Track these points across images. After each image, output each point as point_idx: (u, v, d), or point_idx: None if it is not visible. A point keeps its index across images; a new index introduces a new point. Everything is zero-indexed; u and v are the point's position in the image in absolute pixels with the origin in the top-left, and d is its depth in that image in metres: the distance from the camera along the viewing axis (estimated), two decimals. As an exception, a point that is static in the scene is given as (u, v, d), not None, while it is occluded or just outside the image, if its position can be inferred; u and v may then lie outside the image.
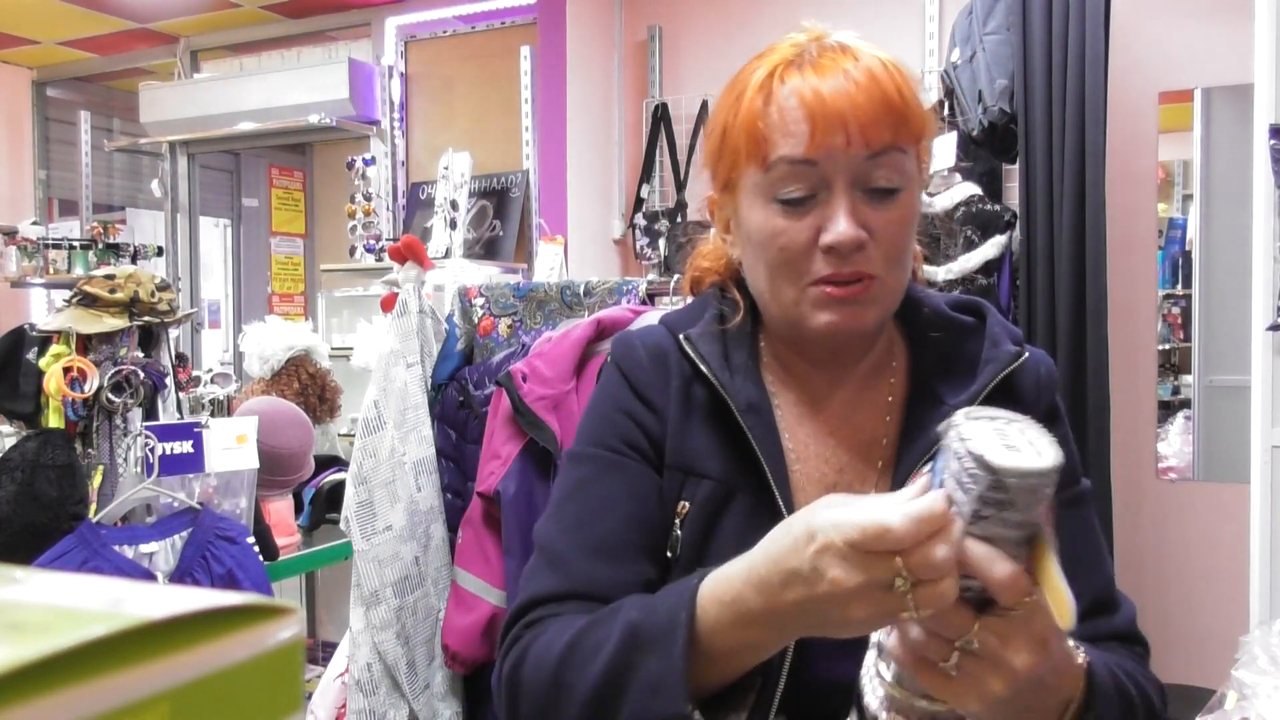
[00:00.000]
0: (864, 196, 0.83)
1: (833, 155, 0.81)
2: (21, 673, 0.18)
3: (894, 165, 0.83)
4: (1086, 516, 0.91)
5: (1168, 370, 3.09)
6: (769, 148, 0.83)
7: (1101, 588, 0.88)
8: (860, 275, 0.83)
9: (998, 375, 0.89)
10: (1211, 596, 2.90)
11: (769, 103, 0.83)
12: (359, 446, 1.87)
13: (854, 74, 0.81)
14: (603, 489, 0.90)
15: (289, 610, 0.24)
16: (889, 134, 0.82)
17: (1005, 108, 2.76)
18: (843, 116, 0.80)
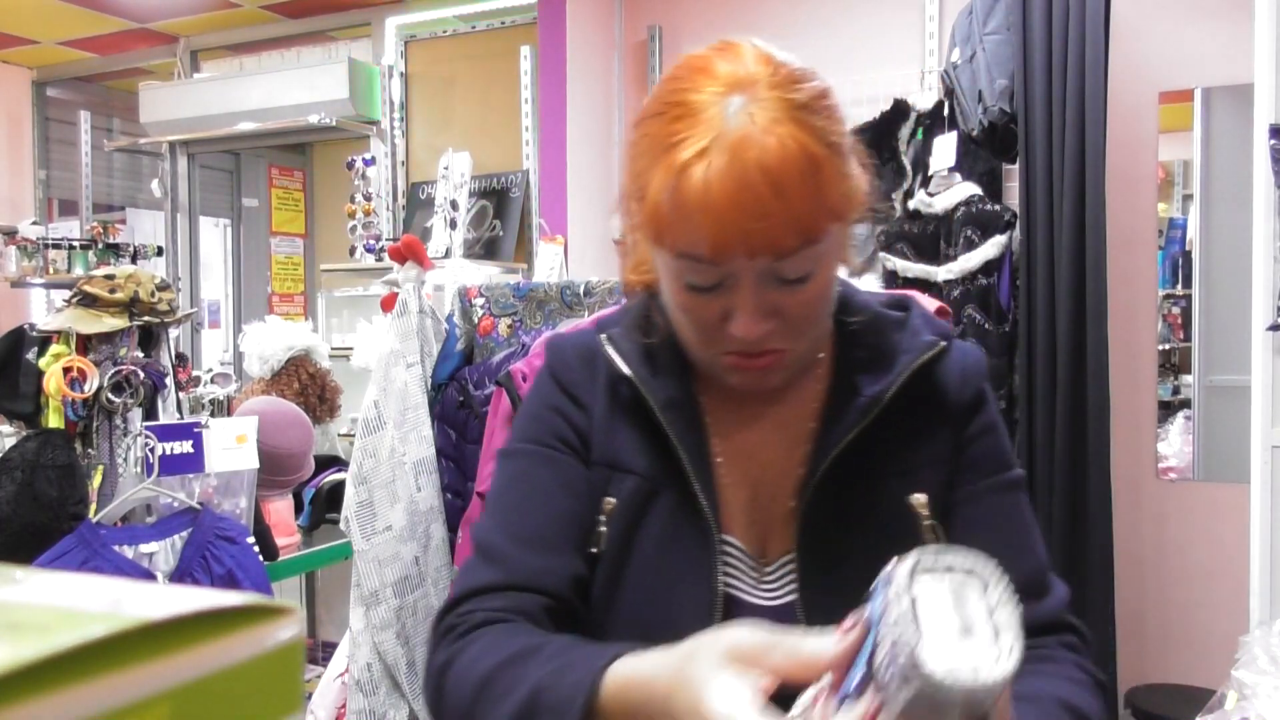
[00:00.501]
0: (774, 284, 0.79)
1: (737, 261, 0.77)
2: (21, 673, 0.18)
3: (806, 258, 0.78)
4: (1014, 502, 0.90)
5: (1168, 370, 3.10)
6: (674, 239, 0.78)
7: (1029, 572, 0.85)
8: (771, 351, 0.83)
9: (913, 364, 0.88)
10: (1211, 596, 2.90)
11: (674, 196, 0.76)
12: (359, 446, 1.87)
13: (760, 179, 0.73)
14: (534, 482, 0.91)
15: (289, 610, 0.24)
16: (796, 240, 0.76)
17: (1005, 108, 2.76)
18: (746, 234, 0.75)
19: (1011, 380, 2.78)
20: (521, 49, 3.60)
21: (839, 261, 0.85)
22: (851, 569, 0.78)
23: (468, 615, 0.84)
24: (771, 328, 0.80)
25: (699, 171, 0.74)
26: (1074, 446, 2.67)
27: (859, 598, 0.65)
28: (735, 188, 0.74)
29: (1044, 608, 0.86)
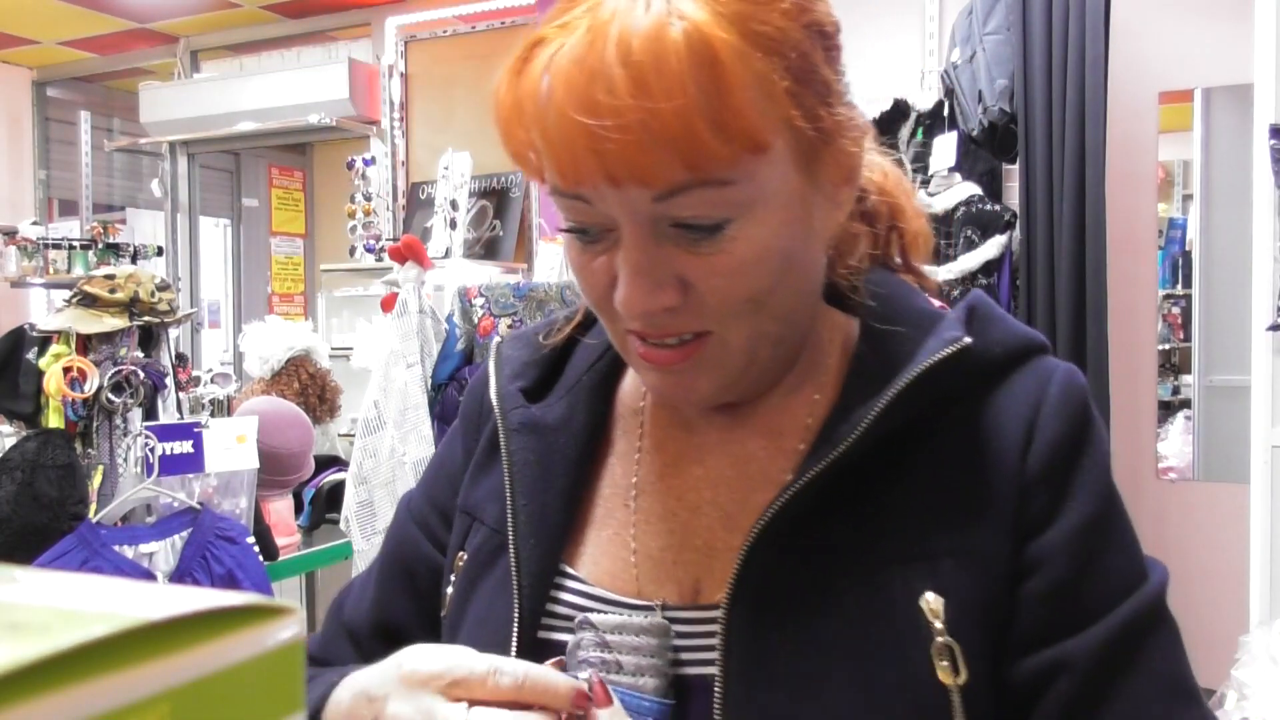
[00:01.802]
0: (674, 235, 0.56)
1: (602, 194, 0.54)
2: (21, 673, 0.18)
3: (709, 200, 0.54)
4: (1140, 661, 0.60)
5: (1168, 370, 3.10)
6: (520, 158, 0.58)
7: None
8: (679, 337, 0.59)
9: (913, 373, 0.59)
10: (1211, 596, 2.90)
11: (518, 99, 0.55)
12: (359, 446, 1.87)
13: (617, 67, 0.50)
14: (382, 564, 0.78)
15: (289, 610, 0.24)
16: (676, 165, 0.52)
17: (1005, 108, 2.76)
18: (597, 148, 0.51)
19: (1011, 380, 2.79)
20: (521, 49, 3.60)
21: (801, 221, 0.58)
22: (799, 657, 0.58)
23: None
24: (670, 301, 0.56)
25: (541, 58, 0.53)
26: (1074, 446, 2.67)
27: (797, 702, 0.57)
28: (583, 78, 0.51)
29: None
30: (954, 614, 0.57)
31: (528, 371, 0.72)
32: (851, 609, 0.58)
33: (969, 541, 0.59)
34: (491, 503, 0.70)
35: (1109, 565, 0.60)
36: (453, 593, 0.70)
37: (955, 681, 0.56)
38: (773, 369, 0.64)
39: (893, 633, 0.57)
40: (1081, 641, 0.58)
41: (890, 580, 0.58)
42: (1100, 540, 0.61)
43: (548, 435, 0.69)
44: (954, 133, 2.87)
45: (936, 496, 0.60)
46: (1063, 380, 0.63)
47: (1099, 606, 0.59)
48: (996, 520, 0.59)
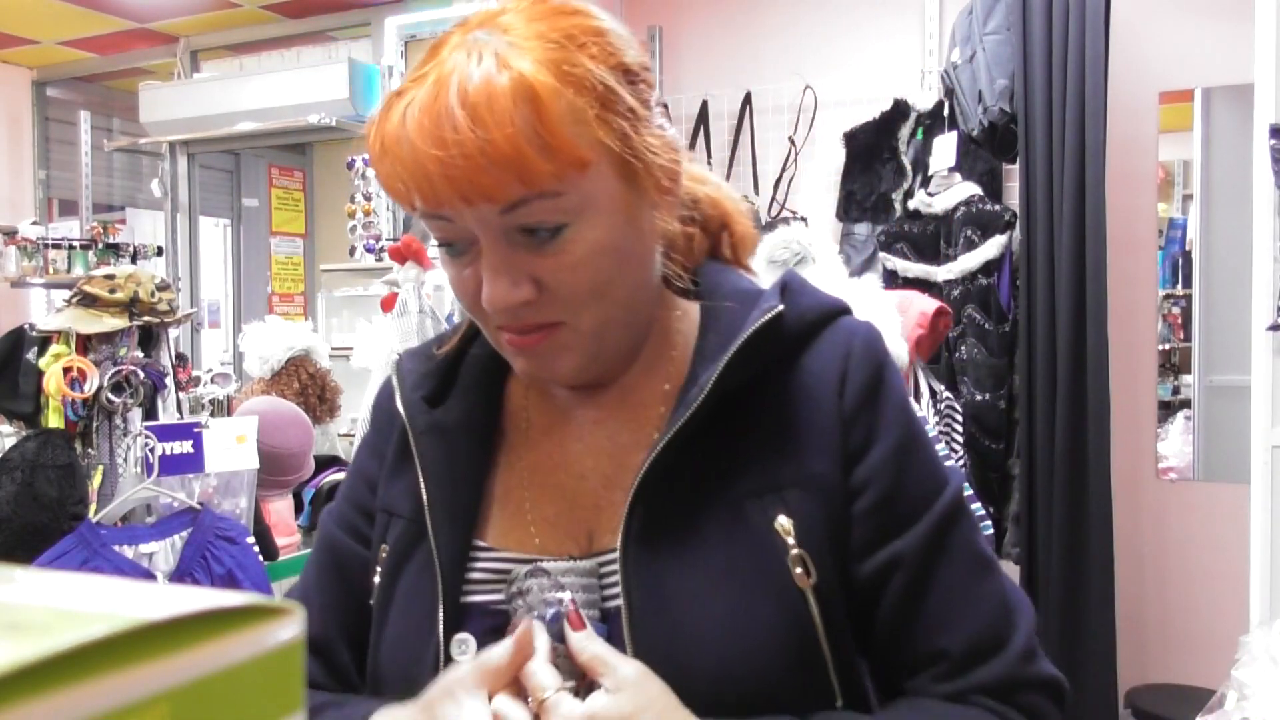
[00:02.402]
0: (523, 240, 0.68)
1: (458, 212, 0.67)
2: (21, 673, 0.18)
3: (545, 209, 0.67)
4: (947, 548, 0.75)
5: (1168, 370, 3.10)
6: (389, 188, 0.69)
7: (975, 635, 0.74)
8: (538, 325, 0.71)
9: (740, 338, 0.72)
10: (1211, 596, 2.90)
11: (383, 142, 0.68)
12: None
13: (457, 109, 0.64)
14: (317, 572, 0.88)
15: (289, 610, 0.24)
16: (512, 183, 0.65)
17: (1005, 108, 2.76)
18: (448, 175, 0.64)
19: (1011, 380, 2.79)
20: (521, 49, 3.60)
21: (629, 223, 0.71)
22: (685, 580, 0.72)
23: None
24: (526, 296, 0.69)
25: (399, 107, 0.66)
26: (1074, 446, 2.67)
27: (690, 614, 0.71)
28: (430, 121, 0.64)
29: (993, 670, 0.73)
30: (802, 531, 0.72)
31: (425, 382, 0.83)
32: (721, 536, 0.72)
33: (807, 471, 0.73)
34: (405, 499, 0.81)
35: (918, 477, 0.75)
36: (380, 580, 0.81)
37: (809, 583, 0.71)
38: (626, 349, 0.78)
39: (756, 551, 0.72)
40: (907, 541, 0.73)
41: (749, 510, 0.73)
42: (908, 459, 0.75)
43: (450, 435, 0.80)
44: (954, 133, 2.87)
45: (777, 438, 0.74)
46: (864, 334, 0.78)
47: (915, 511, 0.74)
48: (826, 451, 0.74)
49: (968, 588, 0.75)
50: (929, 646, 0.73)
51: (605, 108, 0.68)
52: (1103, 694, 2.66)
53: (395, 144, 0.66)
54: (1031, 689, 0.74)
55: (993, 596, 0.75)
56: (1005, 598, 0.76)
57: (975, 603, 0.74)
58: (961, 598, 0.74)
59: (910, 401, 0.79)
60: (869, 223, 3.14)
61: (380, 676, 0.80)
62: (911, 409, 0.78)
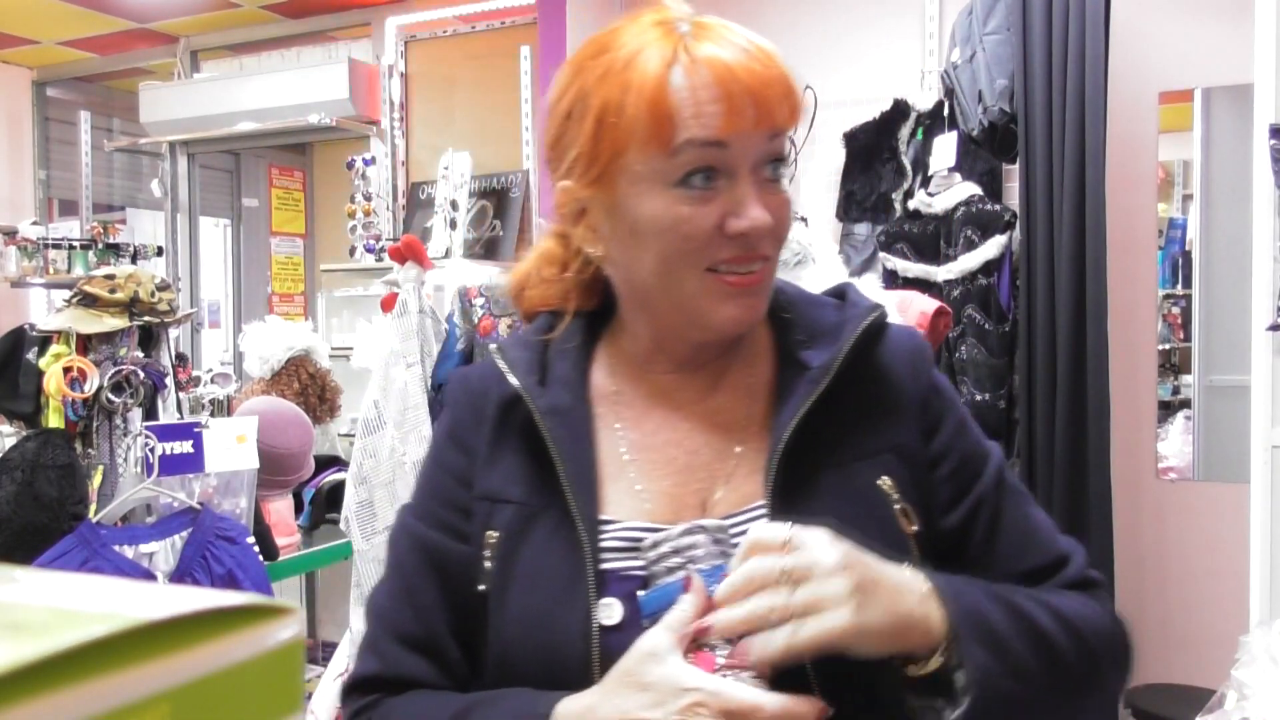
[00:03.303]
0: (760, 180, 0.81)
1: (742, 137, 0.78)
2: (21, 673, 0.18)
3: (781, 146, 0.82)
4: (1006, 493, 0.90)
5: (1168, 370, 3.10)
6: (675, 129, 0.77)
7: (1045, 556, 0.89)
8: (763, 257, 0.82)
9: (858, 330, 0.86)
10: (1211, 596, 2.90)
11: (675, 78, 0.78)
12: (359, 446, 1.87)
13: (752, 49, 0.80)
14: (413, 572, 0.90)
15: (289, 610, 0.24)
16: (787, 114, 0.81)
17: (1005, 108, 2.76)
18: (753, 94, 0.78)
19: (1011, 380, 2.78)
20: (521, 49, 3.60)
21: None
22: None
23: (366, 702, 0.86)
24: (770, 221, 0.80)
25: (699, 50, 0.79)
26: (1074, 446, 2.67)
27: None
28: (731, 49, 0.79)
29: (1068, 573, 0.88)
30: (900, 489, 0.84)
31: (533, 369, 0.89)
32: (838, 494, 0.83)
33: (895, 441, 0.87)
34: (512, 483, 0.87)
35: (976, 440, 0.92)
36: (492, 565, 0.85)
37: (912, 530, 0.83)
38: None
39: (868, 506, 0.83)
40: (982, 487, 0.88)
41: (856, 471, 0.85)
42: (967, 428, 0.91)
43: (565, 415, 0.87)
44: (954, 133, 2.87)
45: (868, 414, 0.87)
46: (914, 334, 0.95)
47: (981, 465, 0.90)
48: (909, 424, 0.88)
49: (1026, 516, 0.90)
50: (1023, 566, 0.87)
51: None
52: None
53: (706, 81, 0.77)
54: (1094, 585, 0.89)
55: (1045, 522, 0.91)
56: (1051, 523, 0.92)
57: (1037, 529, 0.90)
58: (1026, 524, 0.90)
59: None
60: (869, 223, 3.14)
61: (510, 657, 0.82)
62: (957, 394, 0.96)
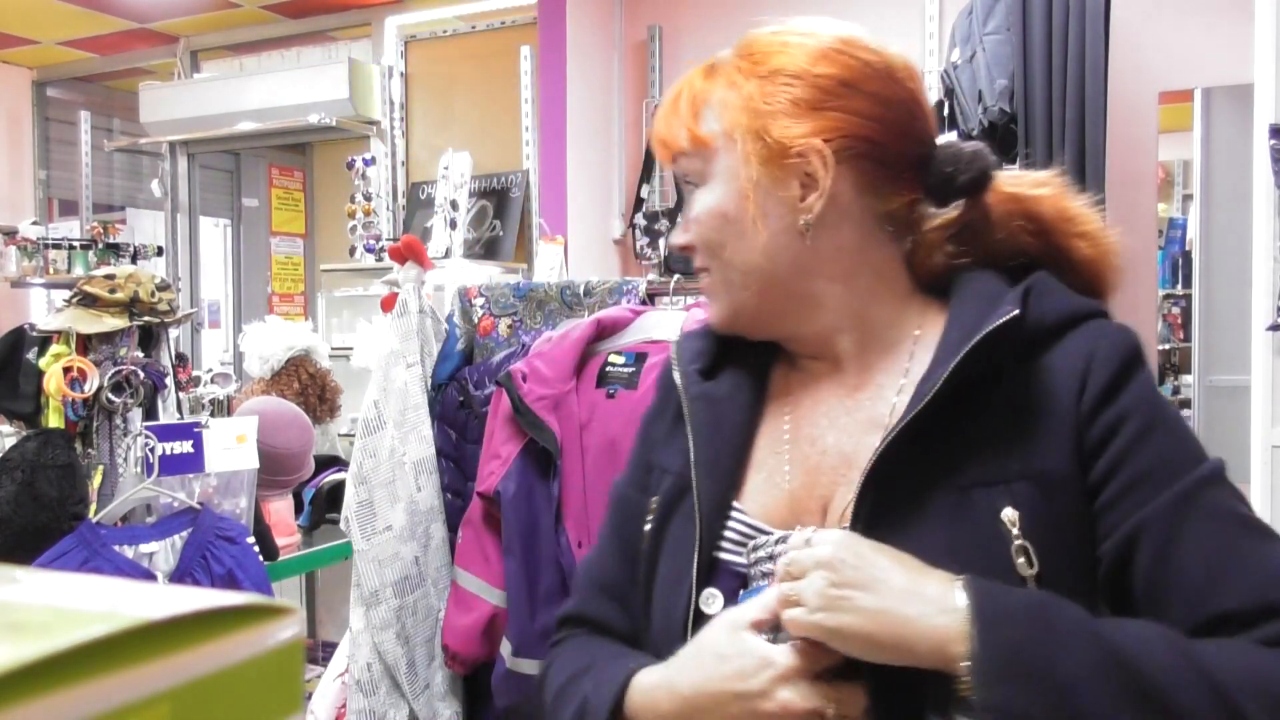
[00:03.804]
0: (689, 194, 0.90)
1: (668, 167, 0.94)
2: (21, 673, 0.18)
3: (687, 169, 0.89)
4: (1200, 513, 0.74)
5: (1168, 370, 3.10)
6: None
7: (1248, 593, 0.70)
8: (702, 270, 0.90)
9: (974, 339, 0.77)
10: (1211, 596, 2.90)
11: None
12: (359, 446, 1.87)
13: (682, 84, 0.90)
14: (614, 528, 0.99)
15: (289, 610, 0.24)
16: (684, 139, 0.88)
17: (1005, 108, 2.76)
18: (657, 129, 0.91)
19: (1011, 380, 2.78)
20: (521, 49, 3.60)
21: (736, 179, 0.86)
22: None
23: (560, 637, 0.98)
24: (689, 237, 0.89)
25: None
26: (1074, 446, 2.67)
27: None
28: (669, 95, 0.91)
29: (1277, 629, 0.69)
30: (1028, 523, 0.73)
31: (701, 358, 0.94)
32: (947, 521, 0.75)
33: (1039, 466, 0.75)
34: (676, 457, 0.91)
35: (1163, 458, 0.75)
36: (650, 529, 0.90)
37: (1030, 573, 0.73)
38: (776, 312, 0.89)
39: (981, 538, 0.74)
40: (1150, 510, 0.73)
41: (977, 499, 0.75)
42: (1149, 444, 0.75)
43: (717, 404, 0.90)
44: (954, 133, 2.87)
45: (1011, 433, 0.77)
46: (1112, 335, 0.81)
47: (1158, 487, 0.74)
48: (1061, 449, 0.76)
49: (1235, 548, 0.72)
50: (1207, 609, 0.71)
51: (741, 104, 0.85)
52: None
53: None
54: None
55: (1272, 558, 0.72)
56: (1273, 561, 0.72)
57: (1248, 561, 0.71)
58: (1229, 558, 0.72)
59: (1159, 395, 0.80)
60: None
61: (650, 620, 0.89)
62: (1160, 400, 0.79)
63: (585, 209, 3.50)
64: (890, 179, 0.86)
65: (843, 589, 0.70)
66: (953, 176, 0.86)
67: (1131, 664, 0.66)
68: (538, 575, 1.67)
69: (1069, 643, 0.67)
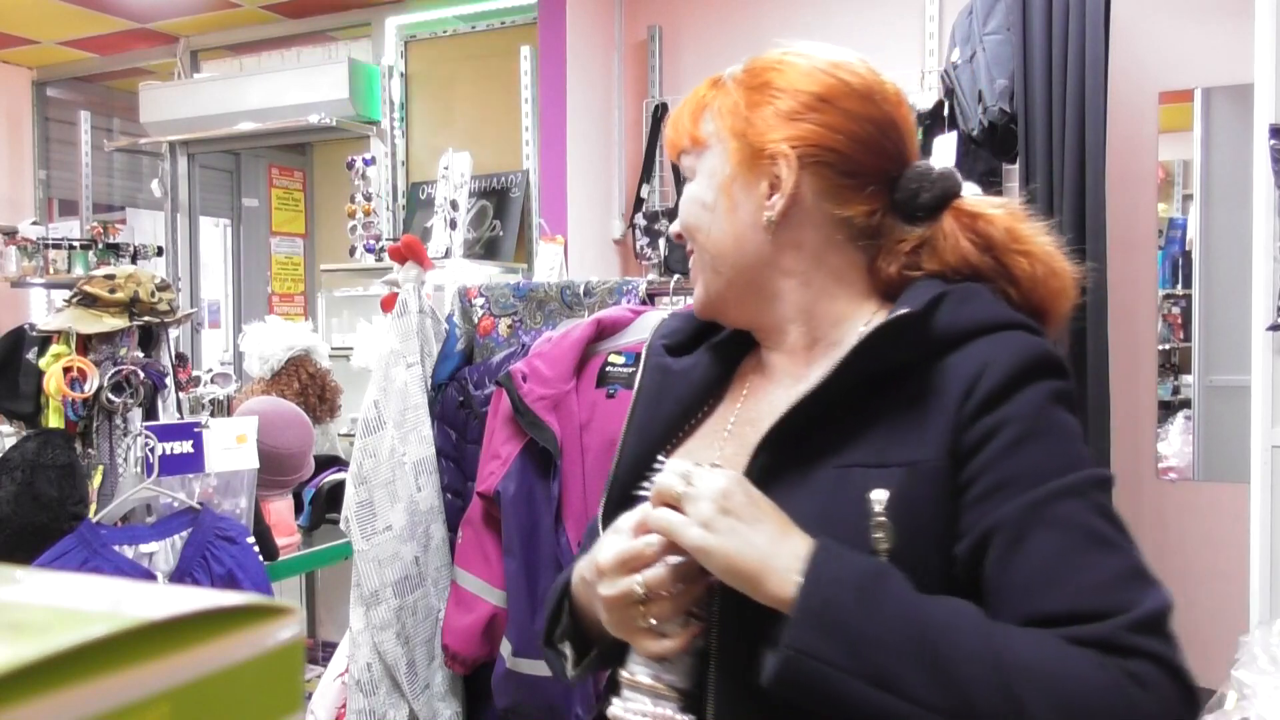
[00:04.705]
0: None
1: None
2: (21, 673, 0.18)
3: (686, 165, 1.01)
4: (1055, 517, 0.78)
5: (1168, 370, 3.09)
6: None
7: (1074, 599, 0.75)
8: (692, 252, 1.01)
9: (860, 338, 0.86)
10: (1211, 596, 2.90)
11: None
12: (359, 446, 1.87)
13: (683, 101, 1.02)
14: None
15: (289, 610, 0.24)
16: (684, 140, 1.00)
17: (1005, 108, 2.76)
18: (665, 134, 1.05)
19: (1011, 380, 2.78)
20: (521, 49, 3.60)
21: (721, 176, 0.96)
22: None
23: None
24: (678, 222, 1.01)
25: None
26: (1074, 446, 2.66)
27: None
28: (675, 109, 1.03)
29: (1093, 630, 0.73)
30: (893, 504, 0.81)
31: (673, 336, 1.06)
32: (823, 493, 0.85)
33: (913, 457, 0.83)
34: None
35: (1031, 465, 0.80)
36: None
37: (885, 548, 0.80)
38: (740, 302, 0.98)
39: (847, 512, 0.82)
40: (1004, 511, 0.79)
41: (854, 478, 0.84)
42: (1022, 450, 0.81)
43: (669, 375, 1.02)
44: (954, 133, 2.87)
45: (900, 424, 0.85)
46: (1015, 345, 0.85)
47: (1019, 490, 0.79)
48: (936, 444, 0.83)
49: (1072, 556, 0.77)
50: (1031, 609, 0.76)
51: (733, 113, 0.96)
52: (1103, 694, 2.66)
53: None
54: (1137, 655, 0.73)
55: (1105, 569, 0.77)
56: (1125, 575, 0.77)
57: (1080, 571, 0.76)
58: (1064, 565, 0.77)
59: (1051, 408, 0.84)
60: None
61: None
62: (1048, 414, 0.83)
63: (585, 209, 3.50)
64: (852, 188, 0.93)
65: (727, 516, 0.79)
66: (917, 194, 0.93)
67: (933, 633, 0.73)
68: (538, 575, 1.67)
69: (884, 607, 0.75)
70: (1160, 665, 0.73)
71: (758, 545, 0.78)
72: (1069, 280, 0.94)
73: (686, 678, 0.86)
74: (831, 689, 0.74)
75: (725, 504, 0.80)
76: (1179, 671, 0.74)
